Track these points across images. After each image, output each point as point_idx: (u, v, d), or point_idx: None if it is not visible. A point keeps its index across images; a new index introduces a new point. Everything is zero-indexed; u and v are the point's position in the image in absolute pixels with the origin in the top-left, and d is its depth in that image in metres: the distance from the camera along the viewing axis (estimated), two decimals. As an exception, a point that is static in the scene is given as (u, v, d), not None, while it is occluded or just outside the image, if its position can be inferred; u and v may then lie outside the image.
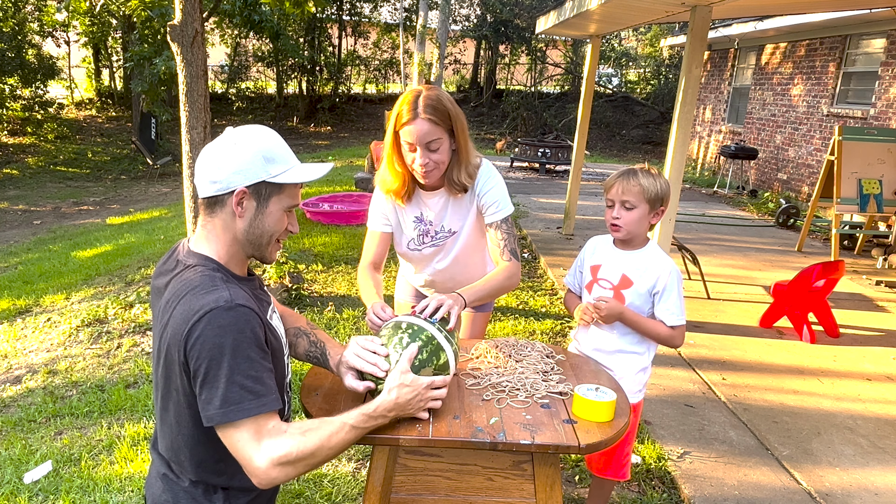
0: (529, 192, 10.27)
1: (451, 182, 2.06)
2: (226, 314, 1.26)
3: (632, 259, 2.08)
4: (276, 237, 1.42)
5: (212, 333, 1.24)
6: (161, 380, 1.36)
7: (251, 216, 1.37)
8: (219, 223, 1.38)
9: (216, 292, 1.28)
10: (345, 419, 1.36)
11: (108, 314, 4.66)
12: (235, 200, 1.35)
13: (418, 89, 1.96)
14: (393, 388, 1.45)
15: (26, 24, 17.45)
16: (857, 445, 3.23)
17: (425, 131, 1.92)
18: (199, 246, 1.40)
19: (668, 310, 2.03)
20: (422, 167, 1.97)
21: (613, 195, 2.04)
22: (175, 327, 1.28)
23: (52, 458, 2.94)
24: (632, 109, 20.35)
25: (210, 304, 1.26)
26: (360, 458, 2.98)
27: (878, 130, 6.84)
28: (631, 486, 2.85)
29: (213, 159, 1.35)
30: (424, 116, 1.90)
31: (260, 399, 1.27)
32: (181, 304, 1.29)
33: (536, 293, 5.37)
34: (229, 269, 1.39)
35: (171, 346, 1.29)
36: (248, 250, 1.41)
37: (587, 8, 5.00)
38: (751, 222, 8.85)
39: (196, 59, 4.25)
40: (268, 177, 1.35)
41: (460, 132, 1.99)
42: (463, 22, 21.53)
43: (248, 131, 1.37)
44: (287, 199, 1.40)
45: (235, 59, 20.82)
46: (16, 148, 16.20)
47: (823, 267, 4.56)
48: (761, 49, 11.64)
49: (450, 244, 2.24)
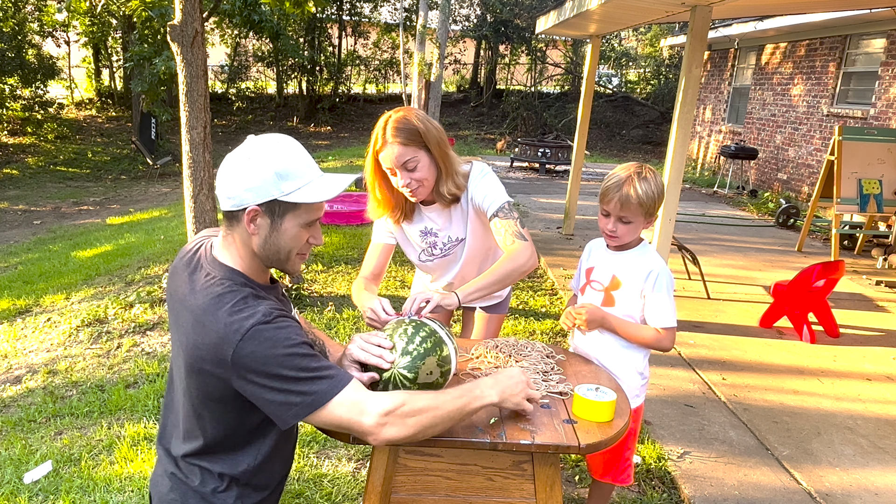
0: (529, 192, 10.28)
1: (440, 195, 2.09)
2: (268, 328, 1.26)
3: (622, 260, 2.06)
4: (296, 252, 1.39)
5: (263, 348, 1.24)
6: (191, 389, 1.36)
7: (265, 234, 1.34)
8: (237, 238, 1.37)
9: (251, 309, 1.28)
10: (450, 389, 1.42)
11: (108, 314, 4.66)
12: (247, 219, 1.32)
13: (388, 114, 2.01)
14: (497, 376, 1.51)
15: (26, 24, 17.46)
16: (857, 445, 3.23)
17: (398, 154, 1.97)
18: (222, 255, 1.38)
19: (655, 311, 2.00)
20: (406, 187, 2.02)
21: (611, 209, 1.99)
22: (213, 346, 1.27)
23: (52, 458, 2.94)
24: (632, 109, 20.35)
25: (251, 322, 1.25)
26: (360, 458, 2.98)
27: (878, 130, 6.84)
28: (631, 486, 2.85)
29: (228, 174, 1.32)
30: (394, 140, 1.96)
31: (334, 378, 1.29)
32: (214, 322, 1.27)
33: (536, 293, 5.37)
34: (255, 280, 1.38)
35: (207, 361, 1.29)
36: (268, 264, 1.40)
37: (587, 8, 5.00)
38: (751, 222, 8.85)
39: (196, 59, 4.24)
40: (280, 195, 1.30)
41: (435, 147, 2.00)
42: (463, 22, 21.52)
43: (265, 144, 1.32)
44: (305, 215, 1.35)
45: (235, 59, 20.83)
46: (16, 148, 16.21)
47: (823, 267, 4.56)
48: (761, 49, 11.64)
49: (459, 251, 2.27)
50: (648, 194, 1.94)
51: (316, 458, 2.96)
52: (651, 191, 1.94)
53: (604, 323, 2.03)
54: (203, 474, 1.41)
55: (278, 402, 1.27)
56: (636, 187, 1.93)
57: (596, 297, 2.10)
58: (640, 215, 1.97)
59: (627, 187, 1.94)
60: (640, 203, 1.94)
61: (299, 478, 2.80)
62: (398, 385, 1.56)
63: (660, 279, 2.00)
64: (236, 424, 1.38)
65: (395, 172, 2.01)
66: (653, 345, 2.04)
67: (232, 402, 1.33)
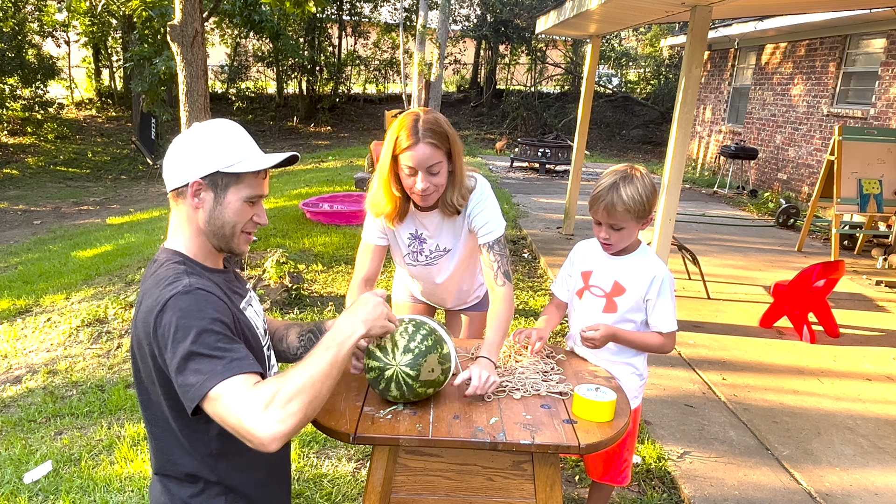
0: (529, 192, 10.27)
1: (446, 204, 2.06)
2: (184, 297, 1.27)
3: (624, 265, 2.05)
4: (241, 228, 1.42)
5: (174, 318, 1.24)
6: (138, 372, 1.37)
7: (210, 207, 1.38)
8: (182, 216, 1.40)
9: (177, 282, 1.30)
10: (314, 349, 1.29)
11: (108, 314, 4.66)
12: (192, 192, 1.36)
13: (416, 112, 1.95)
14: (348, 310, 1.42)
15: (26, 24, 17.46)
16: (857, 445, 3.23)
17: (427, 155, 1.91)
18: (170, 241, 1.43)
19: (662, 317, 2.01)
20: (422, 191, 1.97)
21: (600, 218, 1.97)
22: (143, 322, 1.29)
23: (52, 458, 2.94)
24: (632, 109, 20.35)
25: (170, 293, 1.27)
26: (360, 458, 2.98)
27: (878, 130, 6.84)
28: (631, 486, 2.85)
29: (172, 154, 1.38)
30: (426, 141, 1.90)
31: (232, 362, 1.22)
32: (146, 300, 1.31)
33: (536, 293, 5.37)
34: (197, 262, 1.41)
35: (142, 341, 1.30)
36: (214, 242, 1.42)
37: (587, 8, 5.00)
38: (751, 222, 8.85)
39: (196, 59, 4.25)
40: (222, 167, 1.35)
41: (457, 156, 1.99)
42: (463, 22, 21.53)
43: (207, 124, 1.39)
44: (246, 189, 1.39)
45: (235, 59, 20.83)
46: (16, 148, 16.21)
47: (823, 267, 4.56)
48: (761, 49, 11.64)
49: (445, 262, 2.25)
50: (635, 199, 1.90)
51: (316, 458, 2.96)
52: (638, 194, 1.91)
53: (614, 338, 2.02)
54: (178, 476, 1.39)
55: (180, 383, 1.22)
56: (621, 194, 1.90)
57: (597, 303, 2.08)
58: (630, 220, 1.94)
59: (612, 195, 1.91)
60: (626, 209, 1.91)
61: (299, 478, 2.80)
62: (401, 384, 1.57)
63: (664, 284, 2.00)
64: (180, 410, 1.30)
65: (414, 172, 1.94)
66: (657, 349, 2.05)
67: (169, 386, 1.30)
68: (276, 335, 1.70)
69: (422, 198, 2.01)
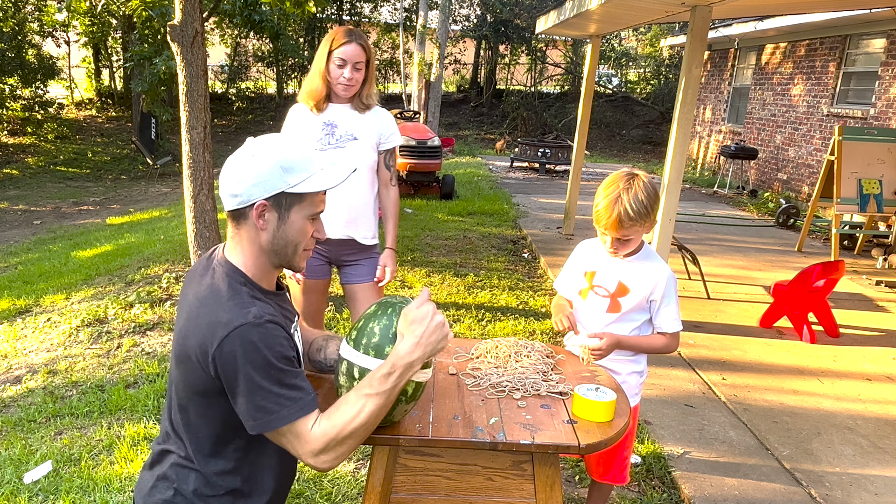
0: (529, 192, 10.27)
1: (360, 98, 2.66)
2: (254, 330, 1.27)
3: (628, 266, 2.05)
4: (303, 246, 1.41)
5: (242, 349, 1.26)
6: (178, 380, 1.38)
7: (274, 228, 1.36)
8: (245, 236, 1.38)
9: (244, 308, 1.29)
10: (362, 390, 1.31)
11: (108, 314, 4.66)
12: (256, 214, 1.34)
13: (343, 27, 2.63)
14: (402, 331, 1.36)
15: (26, 24, 17.46)
16: (857, 445, 3.23)
17: (357, 52, 2.55)
18: (232, 255, 1.41)
19: (668, 318, 2.02)
20: (347, 80, 2.57)
21: (607, 232, 1.96)
22: (200, 337, 1.29)
23: (52, 458, 2.94)
24: (632, 109, 20.35)
25: (239, 320, 1.27)
26: (360, 458, 2.98)
27: (878, 130, 6.84)
28: (631, 486, 2.85)
29: (232, 173, 1.35)
30: (357, 42, 2.55)
31: (297, 403, 1.30)
32: (206, 314, 1.30)
33: (536, 293, 5.37)
34: (257, 284, 1.40)
35: (193, 351, 1.31)
36: (275, 260, 1.41)
37: (587, 8, 5.00)
38: (751, 222, 8.85)
39: (196, 59, 4.24)
40: (286, 187, 1.33)
41: (373, 67, 2.66)
42: (463, 22, 21.53)
43: (267, 142, 1.36)
44: (309, 207, 1.38)
45: (235, 59, 20.83)
46: (16, 148, 16.21)
47: (823, 267, 4.56)
48: (761, 49, 11.64)
49: (353, 148, 2.68)
50: (641, 210, 1.90)
51: (316, 458, 2.95)
52: (643, 205, 1.90)
53: (619, 346, 2.02)
54: (189, 476, 1.40)
55: (243, 409, 1.29)
56: (626, 206, 1.89)
57: (601, 304, 2.09)
58: (637, 229, 1.95)
59: (618, 208, 1.90)
60: (633, 222, 1.91)
61: (299, 478, 2.80)
62: None
63: (669, 286, 2.01)
64: (219, 422, 1.37)
65: (343, 65, 2.55)
66: (662, 350, 2.06)
67: (215, 397, 1.33)
68: (313, 345, 1.69)
69: (345, 87, 2.58)
